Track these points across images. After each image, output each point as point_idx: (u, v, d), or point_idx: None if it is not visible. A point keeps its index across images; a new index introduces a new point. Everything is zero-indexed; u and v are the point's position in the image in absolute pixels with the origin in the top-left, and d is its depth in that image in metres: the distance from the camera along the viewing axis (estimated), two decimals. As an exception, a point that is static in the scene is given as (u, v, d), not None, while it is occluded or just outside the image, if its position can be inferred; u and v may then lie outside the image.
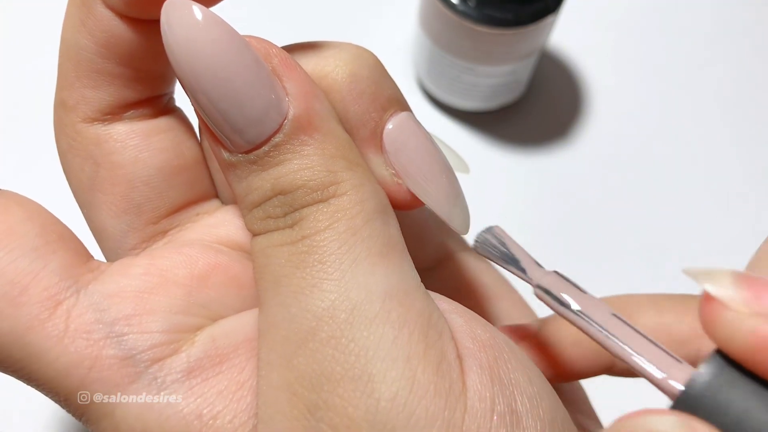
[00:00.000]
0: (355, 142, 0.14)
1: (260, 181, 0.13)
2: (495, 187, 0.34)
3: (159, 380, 0.13)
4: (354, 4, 0.39)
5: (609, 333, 0.13)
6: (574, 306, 0.14)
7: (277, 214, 0.13)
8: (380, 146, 0.14)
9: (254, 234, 0.14)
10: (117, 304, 0.13)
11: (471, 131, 0.36)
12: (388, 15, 0.39)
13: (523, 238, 0.17)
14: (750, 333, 0.10)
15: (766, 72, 0.39)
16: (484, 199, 0.33)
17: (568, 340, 0.18)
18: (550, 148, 0.36)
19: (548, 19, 0.30)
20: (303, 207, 0.13)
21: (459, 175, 0.17)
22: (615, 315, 0.13)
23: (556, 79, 0.38)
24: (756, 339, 0.10)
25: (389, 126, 0.14)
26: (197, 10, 0.12)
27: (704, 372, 0.11)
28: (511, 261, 0.15)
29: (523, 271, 0.15)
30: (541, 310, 0.18)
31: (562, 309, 0.14)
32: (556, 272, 0.14)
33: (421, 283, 0.13)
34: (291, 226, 0.13)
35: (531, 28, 0.29)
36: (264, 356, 0.13)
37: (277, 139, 0.13)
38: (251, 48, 0.12)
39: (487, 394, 0.12)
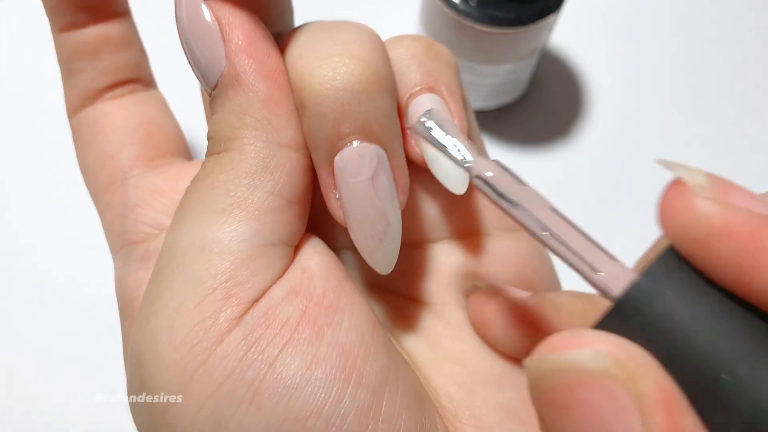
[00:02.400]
0: (315, 158, 0.15)
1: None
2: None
3: (126, 257, 0.18)
4: (354, 3, 0.39)
5: (546, 228, 0.12)
6: (512, 198, 0.13)
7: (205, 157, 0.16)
8: (332, 170, 0.15)
9: None
10: (136, 195, 0.18)
11: (471, 131, 0.36)
12: (389, 14, 0.39)
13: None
14: (716, 219, 0.10)
15: (766, 72, 0.39)
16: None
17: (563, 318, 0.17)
18: (550, 147, 0.35)
19: (549, 19, 0.30)
20: (208, 155, 0.15)
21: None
22: (553, 209, 0.13)
23: (556, 78, 0.38)
24: (721, 226, 0.10)
25: (343, 152, 0.15)
26: None
27: (647, 277, 0.11)
28: (450, 146, 0.14)
29: (463, 158, 0.14)
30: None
31: (500, 201, 0.13)
32: (496, 162, 0.14)
33: (273, 247, 0.14)
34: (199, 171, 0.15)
35: (532, 28, 0.29)
36: None
37: (215, 92, 0.15)
38: (206, 8, 0.15)
39: (232, 360, 0.13)
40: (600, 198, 0.34)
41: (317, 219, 0.17)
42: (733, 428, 0.10)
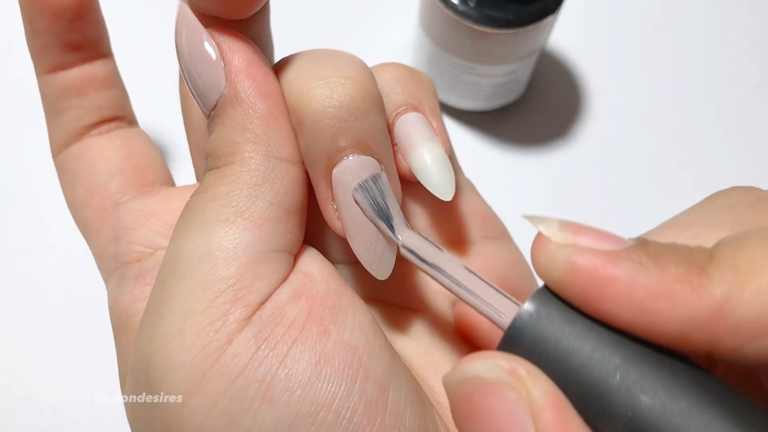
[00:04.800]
0: (313, 173, 0.16)
1: (206, 146, 0.16)
2: (495, 187, 0.34)
3: (121, 277, 0.18)
4: (355, 4, 0.39)
5: (459, 283, 0.15)
6: (432, 261, 0.15)
7: (204, 174, 0.16)
8: (329, 182, 0.16)
9: None
10: (128, 218, 0.18)
11: (471, 131, 0.36)
12: (389, 15, 0.39)
13: (522, 237, 0.18)
14: (564, 260, 0.12)
15: (765, 72, 0.39)
16: (483, 198, 0.33)
17: None
18: (550, 147, 0.36)
19: (548, 19, 0.30)
20: (208, 171, 0.16)
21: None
22: (466, 268, 0.15)
23: (556, 79, 0.38)
24: (568, 265, 0.12)
25: (340, 166, 0.16)
26: (182, 9, 0.16)
27: (525, 308, 0.12)
28: (384, 218, 0.16)
29: (392, 230, 0.16)
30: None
31: (423, 265, 0.15)
32: (419, 234, 0.16)
33: (276, 253, 0.15)
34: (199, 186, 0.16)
35: (531, 29, 0.29)
36: None
37: (214, 112, 0.16)
38: (207, 36, 0.16)
39: (243, 358, 0.13)
40: (598, 198, 0.34)
41: (310, 236, 0.18)
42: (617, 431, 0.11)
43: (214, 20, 0.16)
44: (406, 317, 0.19)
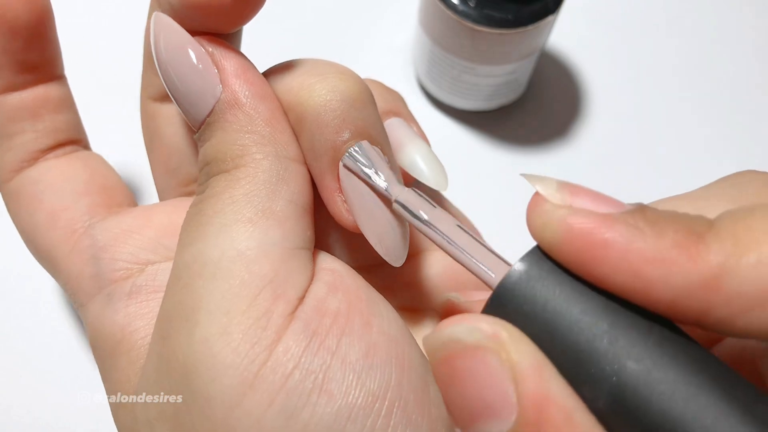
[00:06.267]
0: (319, 167, 0.16)
1: (200, 155, 0.16)
2: (494, 187, 0.34)
3: (110, 296, 0.17)
4: (355, 4, 0.39)
5: (451, 240, 0.14)
6: (424, 217, 0.15)
7: (201, 181, 0.16)
8: (336, 174, 0.16)
9: None
10: (106, 236, 0.17)
11: (471, 131, 0.36)
12: (389, 15, 0.39)
13: (522, 237, 0.17)
14: (560, 221, 0.12)
15: (766, 71, 0.39)
16: (483, 198, 0.33)
17: None
18: (549, 147, 0.36)
19: (548, 19, 0.30)
20: (213, 175, 0.15)
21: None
22: (459, 226, 0.15)
23: (556, 79, 0.38)
24: (564, 227, 0.12)
25: (352, 150, 0.16)
26: (160, 18, 0.16)
27: (516, 268, 0.12)
28: (374, 177, 0.16)
29: (386, 187, 0.16)
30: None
31: (415, 221, 0.15)
32: (413, 189, 0.16)
33: (301, 250, 0.15)
34: (203, 192, 0.16)
35: (531, 29, 0.29)
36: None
37: (210, 118, 0.15)
38: (194, 43, 0.15)
39: (295, 352, 0.13)
40: (599, 198, 0.34)
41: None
42: (601, 398, 0.11)
43: (194, 33, 0.16)
44: (405, 319, 0.19)
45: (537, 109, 0.37)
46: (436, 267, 0.20)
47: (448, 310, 0.20)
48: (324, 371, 0.13)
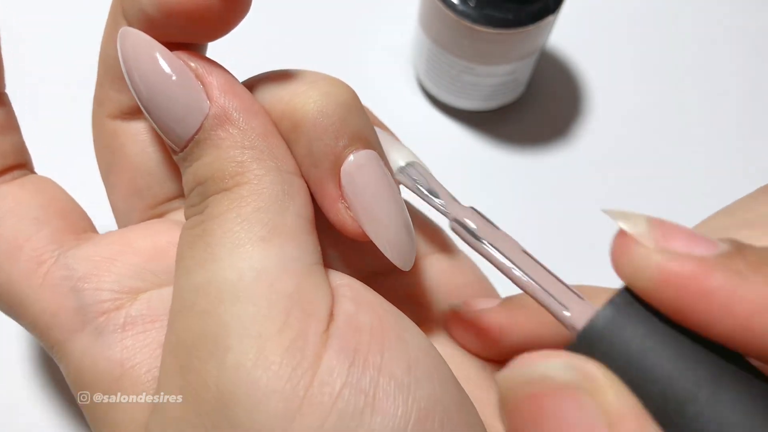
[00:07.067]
0: (318, 175, 0.15)
1: (188, 175, 0.15)
2: (495, 187, 0.34)
3: (99, 330, 0.15)
4: (355, 4, 0.39)
5: (517, 266, 0.13)
6: (487, 240, 0.14)
7: (195, 202, 0.15)
8: (338, 181, 0.15)
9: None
10: (84, 265, 0.16)
11: (471, 131, 0.36)
12: (388, 15, 0.39)
13: (522, 237, 0.17)
14: (655, 267, 0.11)
15: (766, 72, 0.39)
16: (483, 198, 0.33)
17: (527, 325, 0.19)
18: (550, 147, 0.36)
19: (548, 19, 0.30)
20: (211, 195, 0.15)
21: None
22: (524, 251, 0.14)
23: (556, 79, 0.38)
24: (660, 273, 0.11)
25: (349, 161, 0.15)
26: (130, 33, 0.15)
27: (606, 310, 0.11)
28: (431, 193, 0.16)
29: (443, 205, 0.16)
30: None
31: (475, 242, 0.14)
32: (473, 208, 0.15)
33: (316, 265, 0.15)
34: (201, 212, 0.15)
35: (531, 28, 0.29)
36: (168, 322, 0.15)
37: (198, 136, 0.15)
38: (173, 58, 0.15)
39: (340, 371, 0.13)
40: (599, 198, 0.34)
41: None
42: None
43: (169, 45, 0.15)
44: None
45: (537, 109, 0.36)
46: (430, 272, 0.20)
47: (452, 320, 0.20)
48: (374, 388, 0.13)
